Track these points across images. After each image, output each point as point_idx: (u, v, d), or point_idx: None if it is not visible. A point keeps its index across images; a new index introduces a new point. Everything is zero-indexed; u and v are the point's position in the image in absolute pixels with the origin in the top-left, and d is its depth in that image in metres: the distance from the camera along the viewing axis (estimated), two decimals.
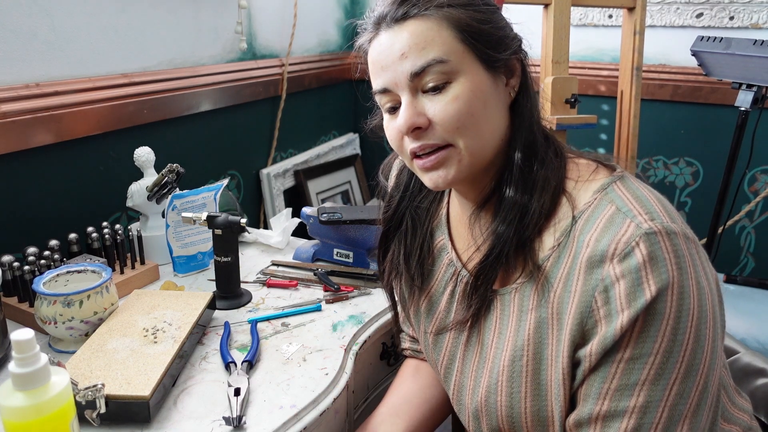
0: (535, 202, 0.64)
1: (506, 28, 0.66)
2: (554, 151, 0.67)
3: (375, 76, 0.66)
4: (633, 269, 0.55)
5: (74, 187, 1.23)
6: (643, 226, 0.56)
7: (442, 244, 0.79)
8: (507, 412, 0.65)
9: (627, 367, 0.56)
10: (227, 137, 1.66)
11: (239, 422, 0.72)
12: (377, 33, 0.65)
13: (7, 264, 0.95)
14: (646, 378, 0.55)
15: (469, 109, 0.62)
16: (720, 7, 1.62)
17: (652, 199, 0.60)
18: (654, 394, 0.55)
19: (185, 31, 1.45)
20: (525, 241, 0.64)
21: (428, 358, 0.82)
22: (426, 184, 0.68)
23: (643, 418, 0.56)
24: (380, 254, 0.84)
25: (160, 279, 1.13)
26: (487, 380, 0.68)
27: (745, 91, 1.38)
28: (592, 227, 0.60)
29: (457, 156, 0.64)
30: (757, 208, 1.70)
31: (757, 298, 1.51)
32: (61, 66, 1.17)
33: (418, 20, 0.62)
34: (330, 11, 2.07)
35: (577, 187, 0.65)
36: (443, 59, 0.61)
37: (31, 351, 0.55)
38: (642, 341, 0.55)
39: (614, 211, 0.59)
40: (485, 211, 0.70)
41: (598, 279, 0.57)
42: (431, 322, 0.79)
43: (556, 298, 0.61)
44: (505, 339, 0.66)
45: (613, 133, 1.57)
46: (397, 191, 0.81)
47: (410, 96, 0.63)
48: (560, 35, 1.35)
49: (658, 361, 0.55)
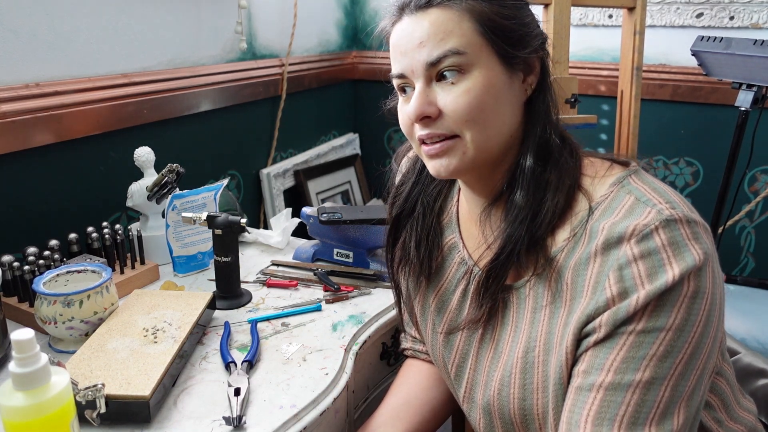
0: (549, 202, 0.64)
1: (530, 25, 0.66)
2: (570, 152, 0.67)
3: (394, 61, 0.67)
4: (653, 250, 0.55)
5: (74, 187, 1.23)
6: (664, 212, 0.57)
7: (452, 242, 0.78)
8: (519, 404, 0.65)
9: (637, 340, 0.56)
10: (227, 137, 1.66)
11: (239, 422, 0.72)
12: (400, 18, 0.65)
13: (7, 264, 0.95)
14: (654, 353, 0.55)
15: (479, 103, 0.62)
16: (720, 7, 1.62)
17: (670, 190, 0.61)
18: (660, 371, 0.55)
19: (185, 31, 1.45)
20: (537, 240, 0.64)
21: (435, 357, 0.81)
22: (430, 170, 0.68)
23: (646, 394, 0.55)
24: (389, 241, 0.83)
25: (160, 279, 1.13)
26: (500, 373, 0.68)
27: (745, 91, 1.38)
28: (611, 216, 0.60)
29: (461, 147, 0.64)
30: (757, 208, 1.70)
31: (757, 298, 1.51)
32: (61, 66, 1.17)
33: (441, 9, 0.62)
34: (330, 11, 2.07)
35: (594, 183, 0.65)
36: (460, 51, 0.61)
37: (31, 351, 0.55)
38: (656, 316, 0.55)
39: (634, 201, 0.59)
40: (496, 209, 0.70)
41: (614, 259, 0.57)
42: (442, 320, 0.78)
43: (569, 286, 0.61)
44: (520, 332, 0.66)
45: (613, 133, 1.57)
46: (412, 175, 0.80)
47: (424, 84, 0.64)
48: (560, 35, 1.35)
49: (669, 337, 0.55)
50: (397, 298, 0.87)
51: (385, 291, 1.07)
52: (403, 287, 0.84)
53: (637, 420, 0.55)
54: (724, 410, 0.70)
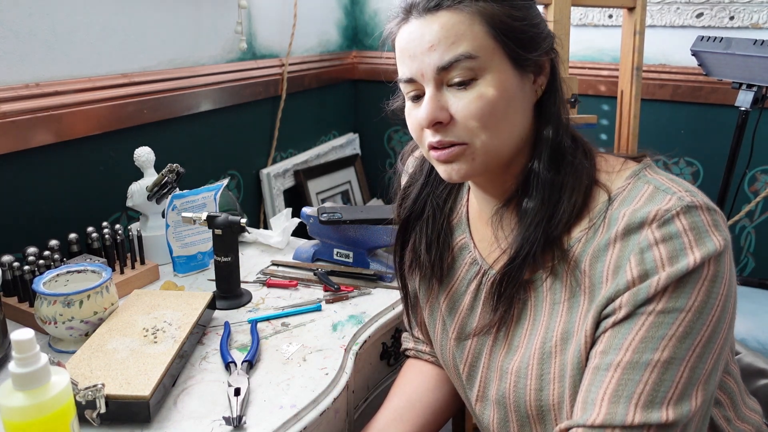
0: (566, 203, 0.64)
1: (540, 25, 0.65)
2: (583, 152, 0.67)
3: (401, 64, 0.65)
4: (674, 234, 0.56)
5: (74, 187, 1.23)
6: (685, 199, 0.57)
7: (463, 242, 0.77)
8: (536, 395, 0.64)
9: (656, 320, 0.56)
10: (227, 137, 1.66)
11: (239, 422, 0.72)
12: (407, 19, 0.63)
13: (7, 264, 0.95)
14: (674, 333, 0.55)
15: (492, 108, 0.61)
16: (720, 7, 1.62)
17: (685, 182, 0.61)
18: (679, 352, 0.55)
19: (185, 31, 1.45)
20: (553, 240, 0.64)
21: (445, 359, 0.80)
22: (441, 175, 0.67)
23: (665, 373, 0.55)
24: (399, 243, 0.81)
25: (160, 279, 1.13)
26: (517, 366, 0.67)
27: (745, 91, 1.38)
28: (631, 204, 0.60)
29: (471, 153, 0.63)
30: (757, 208, 1.70)
31: (757, 298, 1.51)
32: (61, 66, 1.17)
33: (451, 12, 0.60)
34: (330, 11, 2.07)
35: (610, 178, 0.65)
36: (472, 55, 0.60)
37: (31, 351, 0.55)
38: (676, 297, 0.55)
39: (653, 190, 0.60)
40: (508, 211, 0.69)
41: (635, 243, 0.57)
42: (453, 321, 0.77)
43: (586, 273, 0.61)
44: (539, 325, 0.66)
45: (613, 133, 1.57)
46: (420, 176, 0.79)
47: (434, 89, 0.62)
48: (560, 35, 1.35)
49: (688, 318, 0.55)
50: (405, 301, 0.85)
51: (385, 291, 1.07)
52: (412, 290, 0.83)
53: (654, 399, 0.55)
54: (732, 408, 0.70)
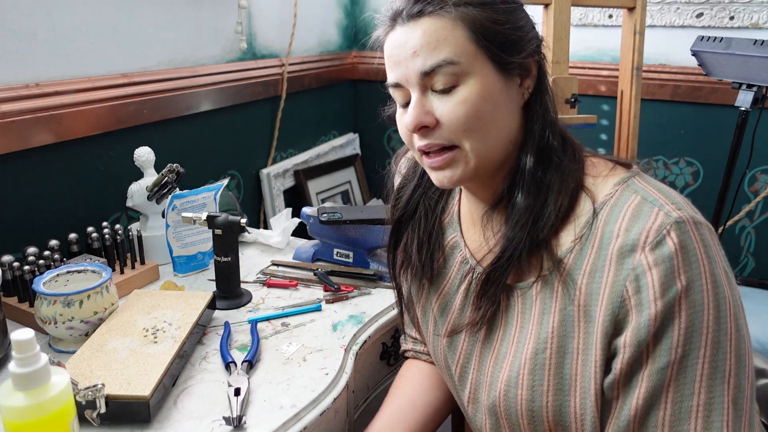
0: (552, 205, 0.64)
1: (524, 28, 0.65)
2: (572, 153, 0.67)
3: (389, 70, 0.67)
4: (666, 258, 0.56)
5: (74, 187, 1.23)
6: (672, 214, 0.57)
7: (454, 241, 0.78)
8: (527, 406, 0.65)
9: (681, 366, 0.56)
10: (227, 137, 1.66)
11: (239, 422, 0.72)
12: (393, 27, 0.65)
13: (7, 264, 0.95)
14: (702, 373, 0.55)
15: (476, 112, 0.62)
16: (720, 7, 1.62)
17: (673, 192, 0.61)
18: (714, 390, 0.55)
19: (185, 31, 1.45)
20: (540, 243, 0.64)
21: (438, 359, 0.81)
22: (433, 181, 0.68)
23: (710, 416, 0.55)
24: (391, 243, 0.83)
25: (160, 279, 1.13)
26: (507, 374, 0.67)
27: (745, 91, 1.38)
28: (618, 216, 0.60)
29: (463, 158, 0.64)
30: (757, 208, 1.70)
31: (757, 298, 1.51)
32: (61, 66, 1.17)
33: (433, 18, 0.61)
34: (330, 11, 2.07)
35: (596, 183, 0.65)
36: (454, 60, 0.61)
37: (31, 351, 0.55)
38: (690, 336, 0.55)
39: (640, 200, 0.60)
40: (498, 213, 0.70)
41: (629, 268, 0.57)
42: (445, 321, 0.77)
43: (583, 292, 0.61)
44: (527, 333, 0.66)
45: (613, 133, 1.57)
46: (413, 178, 0.80)
47: (420, 94, 0.63)
48: (560, 35, 1.35)
49: (709, 353, 0.55)
50: (398, 301, 0.86)
51: (385, 291, 1.07)
52: (405, 290, 0.84)
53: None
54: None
